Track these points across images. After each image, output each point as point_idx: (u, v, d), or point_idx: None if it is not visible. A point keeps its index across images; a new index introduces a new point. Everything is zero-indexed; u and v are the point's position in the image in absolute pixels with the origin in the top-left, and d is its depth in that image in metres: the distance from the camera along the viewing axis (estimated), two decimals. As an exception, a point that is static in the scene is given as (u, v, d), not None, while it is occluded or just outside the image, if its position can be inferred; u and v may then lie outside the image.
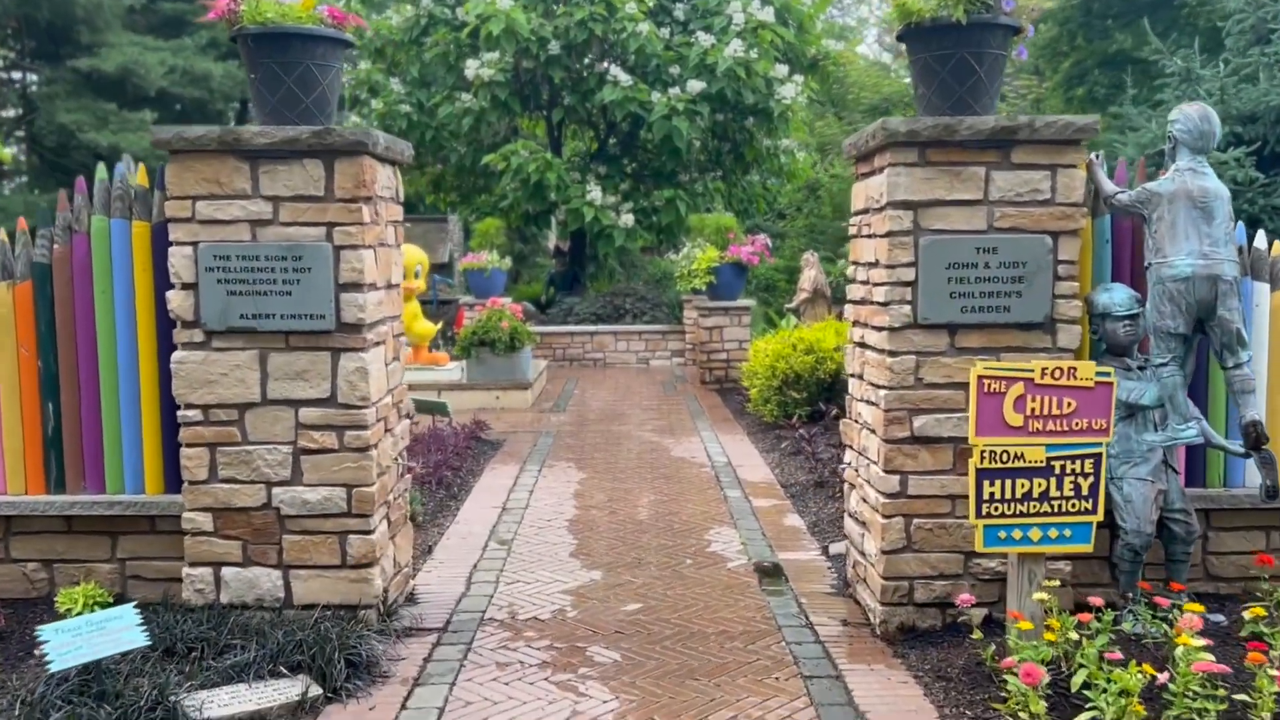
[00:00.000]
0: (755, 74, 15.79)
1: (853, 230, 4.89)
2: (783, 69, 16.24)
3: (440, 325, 12.58)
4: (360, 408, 4.18)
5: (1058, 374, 3.77)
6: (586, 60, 16.64)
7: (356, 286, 4.14)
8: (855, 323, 4.83)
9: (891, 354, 4.24)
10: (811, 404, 8.99)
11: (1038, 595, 3.75)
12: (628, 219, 15.96)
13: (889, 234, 4.22)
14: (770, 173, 19.07)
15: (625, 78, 15.50)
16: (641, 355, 15.44)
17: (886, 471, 4.27)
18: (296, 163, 4.11)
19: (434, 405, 8.65)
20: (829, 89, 21.28)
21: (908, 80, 26.02)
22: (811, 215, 26.32)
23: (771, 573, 5.20)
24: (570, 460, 8.06)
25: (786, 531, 5.93)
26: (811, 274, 13.64)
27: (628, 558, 5.45)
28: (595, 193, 15.96)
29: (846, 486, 4.98)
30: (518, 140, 16.48)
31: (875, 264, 4.43)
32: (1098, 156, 4.46)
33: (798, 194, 24.47)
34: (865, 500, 4.57)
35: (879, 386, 4.35)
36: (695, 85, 15.37)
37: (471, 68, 16.21)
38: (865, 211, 4.64)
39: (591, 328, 15.47)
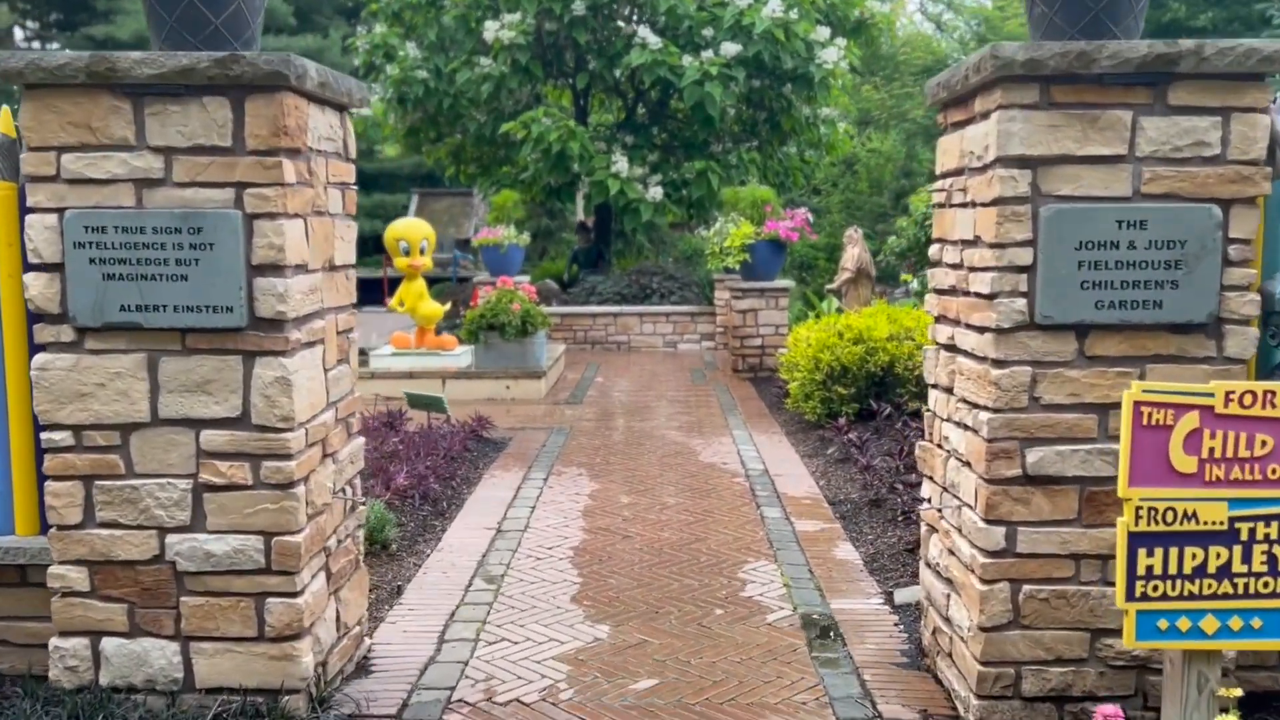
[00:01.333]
0: (795, 36, 14.59)
1: (938, 197, 3.77)
2: (824, 31, 15.03)
3: (449, 306, 11.55)
4: (281, 430, 3.13)
5: (1249, 400, 2.66)
6: (614, 22, 15.49)
7: (276, 269, 3.09)
8: (940, 318, 3.72)
9: (998, 363, 3.14)
10: (859, 401, 7.88)
11: None
12: (656, 192, 14.86)
13: (997, 201, 3.11)
14: (808, 144, 17.90)
15: (655, 40, 14.35)
16: (669, 339, 14.35)
17: (988, 521, 3.17)
18: (194, 102, 3.05)
19: (429, 400, 7.61)
20: (873, 53, 20.03)
21: (959, 46, 24.66)
22: (848, 191, 25.16)
23: (823, 630, 4.12)
24: (583, 465, 7.00)
25: (838, 568, 4.84)
26: (855, 252, 12.51)
27: (643, 604, 4.38)
28: (621, 164, 14.86)
29: (924, 528, 3.88)
30: (540, 108, 15.37)
31: (974, 242, 3.32)
32: (1276, 101, 3.32)
33: (834, 169, 23.27)
34: (954, 552, 3.47)
35: (978, 406, 3.25)
36: (730, 48, 14.20)
37: (490, 29, 15.11)
38: (959, 173, 3.52)
39: (615, 308, 14.39)
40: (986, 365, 3.19)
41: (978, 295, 3.27)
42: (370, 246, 26.69)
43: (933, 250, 3.82)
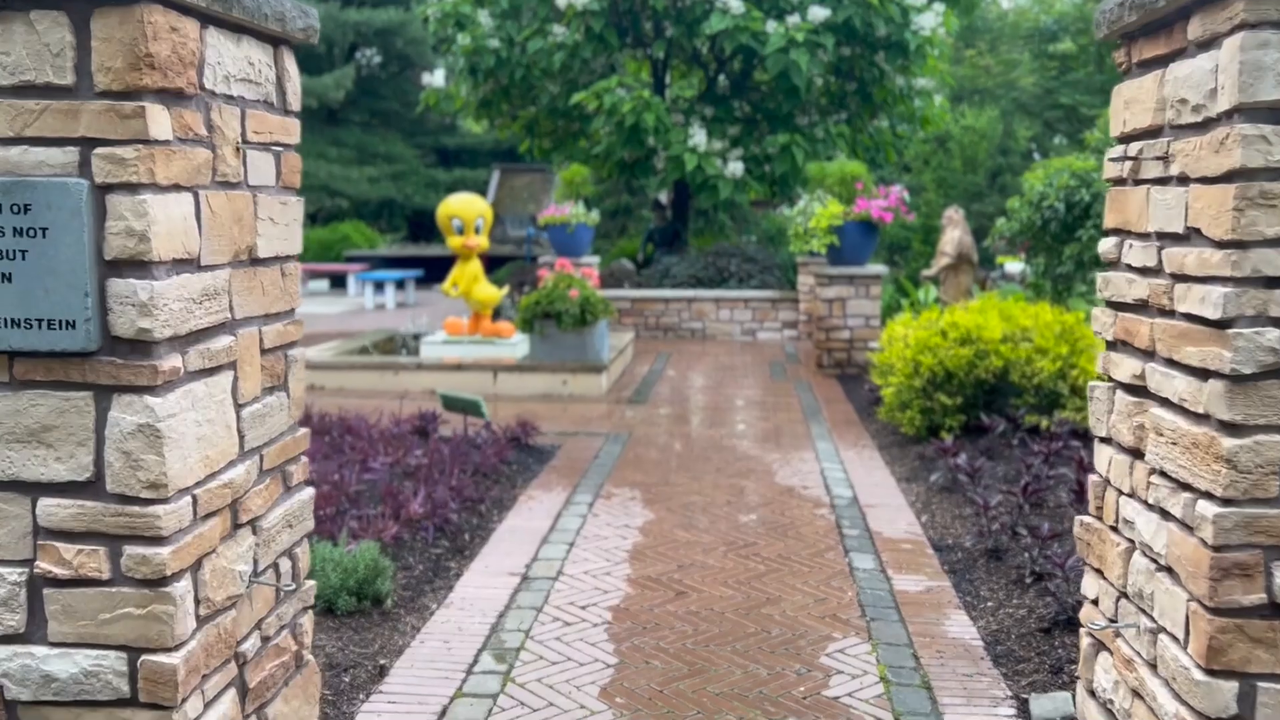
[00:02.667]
0: (888, 0, 13.29)
1: (1115, 170, 2.62)
2: (921, -5, 13.72)
3: (507, 289, 10.61)
4: (149, 502, 2.15)
5: None
6: (693, -17, 14.34)
7: (138, 266, 2.10)
8: (1118, 344, 2.58)
9: (1231, 428, 2.01)
10: (966, 413, 6.70)
11: None
12: (736, 168, 13.71)
13: (1236, 175, 1.97)
14: (901, 117, 16.57)
15: (737, 4, 13.17)
16: (747, 326, 13.22)
17: (1210, 672, 2.05)
18: (18, 19, 2.07)
19: (465, 403, 6.65)
20: (970, 24, 18.55)
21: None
22: (940, 168, 23.66)
23: (933, 760, 3.02)
24: (637, 485, 5.97)
25: (952, 653, 3.72)
26: (955, 235, 11.23)
27: (693, 707, 3.34)
28: (699, 137, 13.74)
29: (1086, 640, 2.76)
30: (614, 78, 14.31)
31: (1186, 237, 2.19)
32: None
33: (924, 145, 21.88)
34: (1140, 695, 2.35)
35: (1194, 490, 2.12)
36: (818, 13, 12.94)
37: (563, -6, 14.11)
38: (1154, 133, 2.38)
39: (690, 292, 13.30)
40: (1210, 429, 2.06)
41: (1194, 319, 2.13)
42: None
43: (1105, 246, 2.68)
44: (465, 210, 9.58)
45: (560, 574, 4.51)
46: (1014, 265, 16.47)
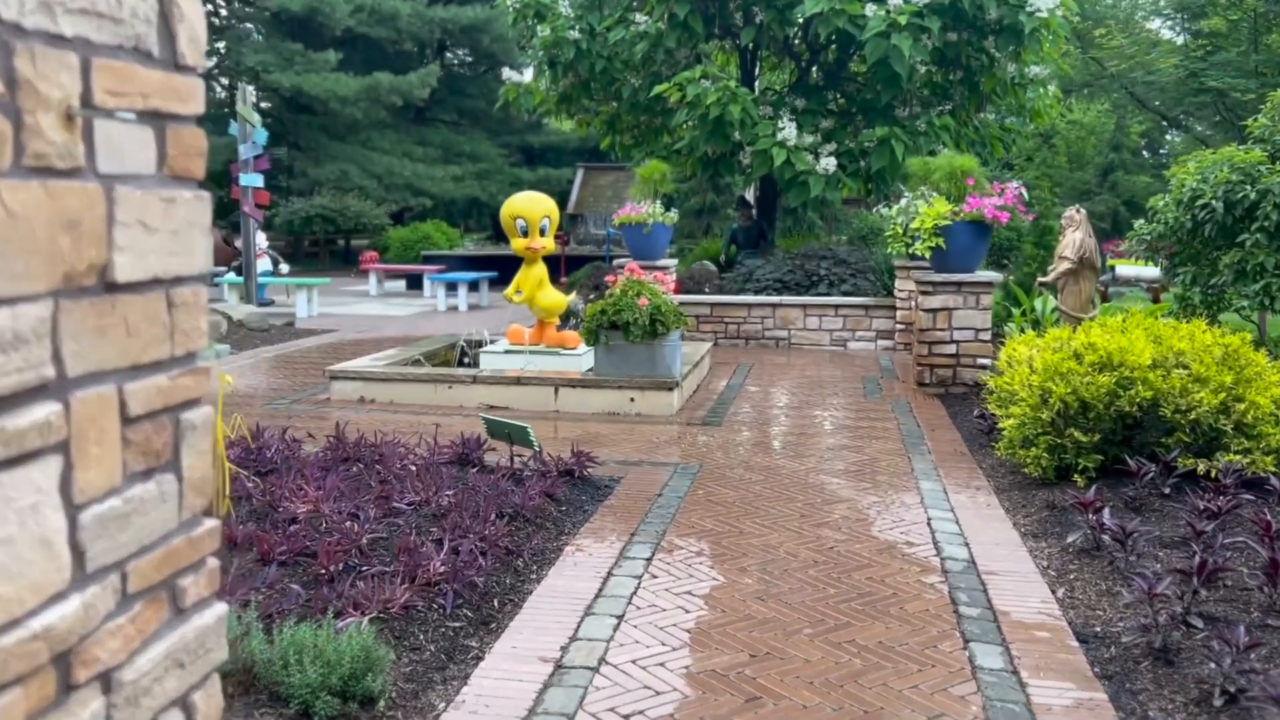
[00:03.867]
0: (1001, -21, 12.18)
1: None
2: (1037, -26, 12.52)
3: (574, 296, 9.78)
4: None
5: None
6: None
7: None
8: None
9: None
10: (1103, 452, 5.63)
11: None
12: (828, 163, 12.70)
13: None
14: (1010, 110, 15.35)
15: (834, -14, 12.16)
16: (837, 336, 12.19)
17: None
18: None
19: (510, 430, 5.81)
20: (1095, 3, 17.15)
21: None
22: (1044, 165, 22.29)
23: None
24: (705, 534, 5.06)
25: (1116, 811, 2.74)
26: (1077, 237, 10.02)
27: None
28: (789, 130, 12.76)
29: None
30: (698, 67, 13.39)
31: None
32: None
33: (1028, 142, 20.58)
34: None
35: None
36: (923, -6, 11.89)
37: (645, -20, 13.27)
38: None
39: (774, 298, 12.31)
40: None
41: None
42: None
43: None
44: (530, 209, 8.77)
45: (603, 662, 3.63)
46: (1127, 268, 15.09)
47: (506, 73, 16.50)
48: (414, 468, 5.62)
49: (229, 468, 5.03)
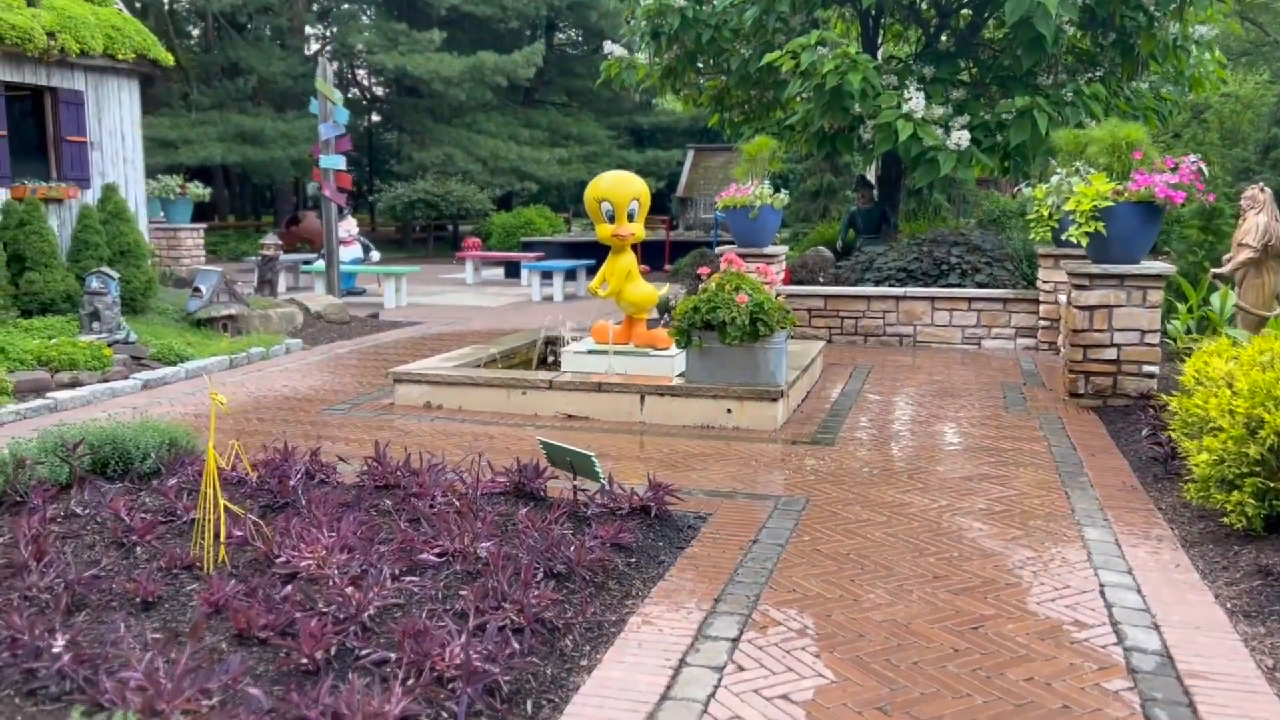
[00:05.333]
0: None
1: None
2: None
3: (668, 289, 8.72)
4: None
5: None
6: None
7: None
8: None
9: None
10: (1335, 501, 4.31)
11: None
12: (960, 137, 11.30)
13: None
14: (1167, 77, 13.62)
15: (969, -64, 10.80)
16: (970, 333, 10.83)
17: None
18: None
19: (573, 458, 4.79)
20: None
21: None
22: (1192, 141, 20.31)
23: None
24: (810, 604, 3.95)
25: None
26: (1261, 221, 8.56)
27: None
28: (915, 102, 11.40)
29: None
30: (814, 33, 12.12)
31: None
32: None
33: (1177, 117, 18.64)
34: None
35: None
36: (1072, -57, 10.43)
37: (755, -61, 12.09)
38: None
39: (898, 290, 11.01)
40: None
41: None
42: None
43: None
44: (616, 192, 7.74)
45: (657, 823, 2.57)
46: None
47: (609, 46, 15.48)
48: (457, 501, 4.65)
49: (227, 507, 4.14)
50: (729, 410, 6.85)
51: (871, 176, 15.66)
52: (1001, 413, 7.49)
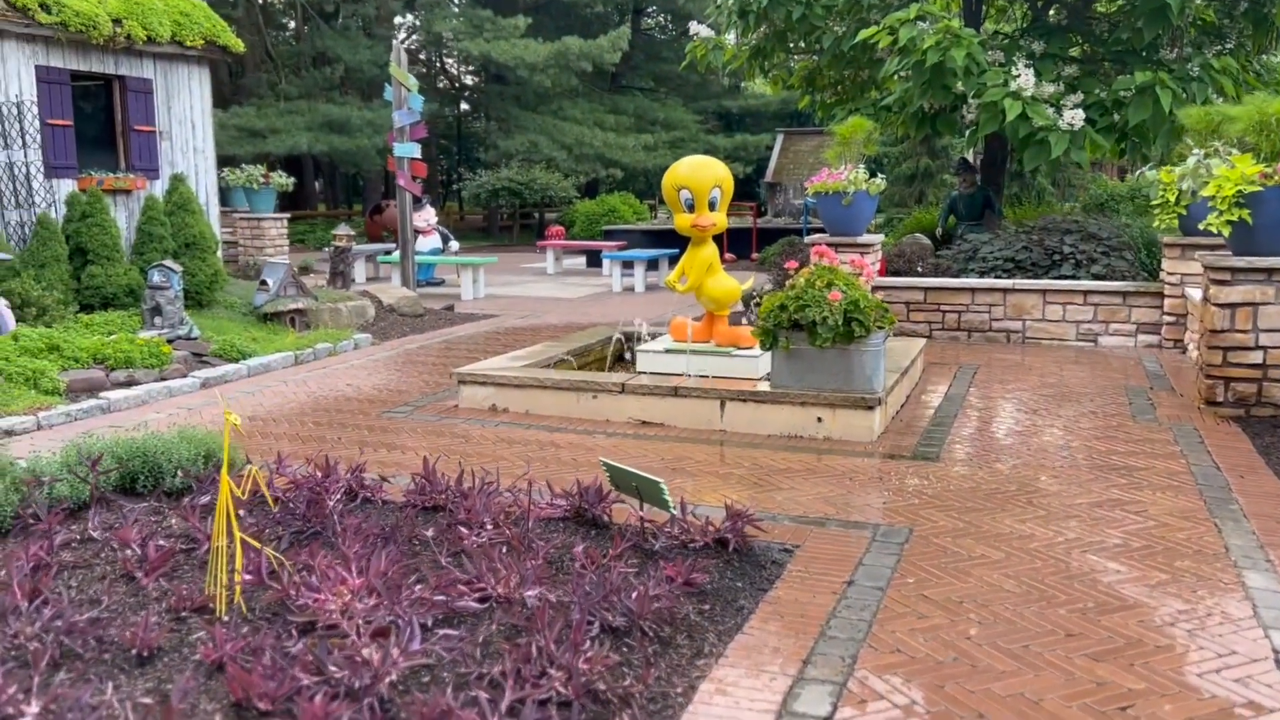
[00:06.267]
0: None
1: None
2: None
3: (751, 284, 8.07)
4: None
5: None
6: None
7: None
8: None
9: None
10: None
11: None
12: (1074, 117, 10.40)
13: None
14: (1301, 45, 12.46)
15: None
16: (1085, 329, 9.94)
17: None
18: None
19: (638, 483, 4.20)
20: None
21: None
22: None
23: None
24: (918, 669, 3.29)
25: None
26: None
27: None
28: (1024, 78, 10.53)
29: None
30: (913, 6, 11.29)
31: None
32: None
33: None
34: None
35: None
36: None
37: (849, -97, 11.31)
38: None
39: (1005, 282, 10.16)
40: None
41: None
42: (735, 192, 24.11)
43: None
44: (696, 178, 7.12)
45: None
46: None
47: (694, 27, 14.79)
48: (508, 531, 4.10)
49: (245, 540, 3.65)
50: (819, 419, 6.19)
51: (974, 159, 14.73)
52: (1128, 422, 6.68)
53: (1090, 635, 3.54)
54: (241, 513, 4.35)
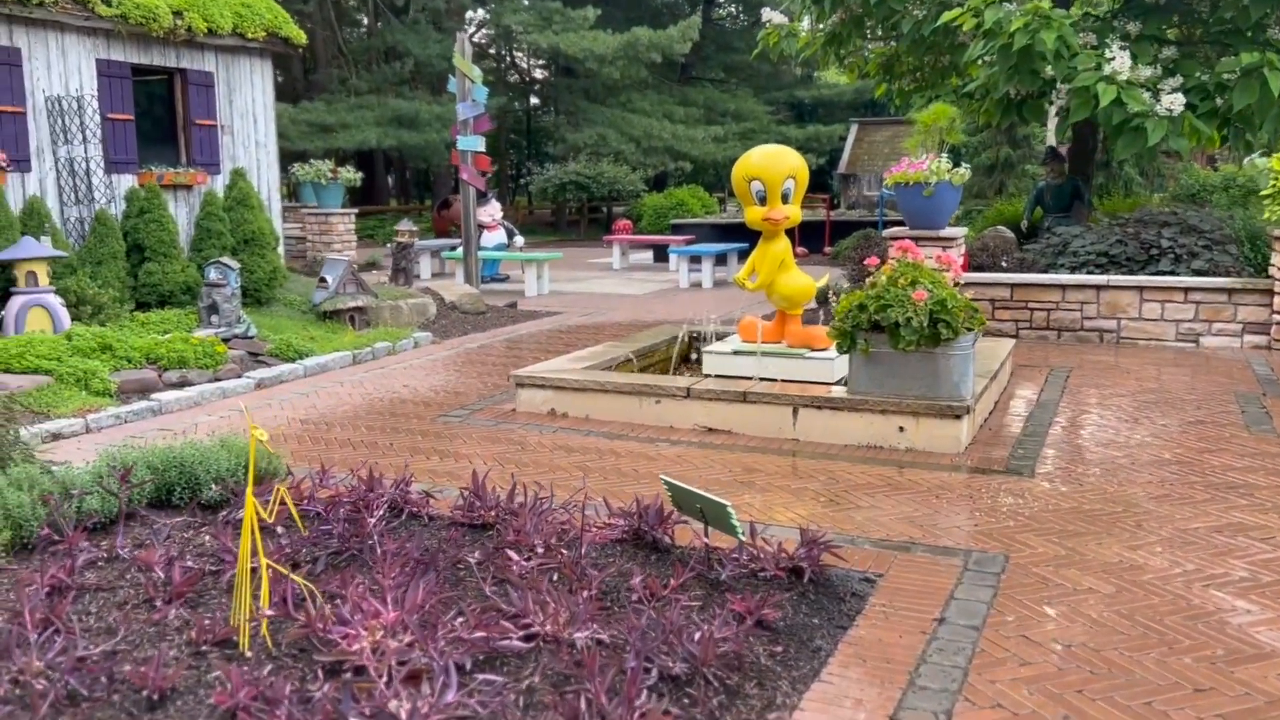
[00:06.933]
0: None
1: None
2: None
3: (826, 280, 7.61)
4: None
5: None
6: None
7: None
8: None
9: None
10: None
11: None
12: (1173, 102, 9.71)
13: None
14: None
15: None
16: (1186, 329, 9.28)
17: None
18: None
19: (706, 506, 3.80)
20: None
21: None
22: None
23: None
24: (1025, 731, 2.87)
25: None
26: None
27: None
28: (1119, 61, 9.87)
29: None
30: (997, -12, 10.68)
31: None
32: None
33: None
34: None
35: None
36: None
37: (929, -122, 10.75)
38: None
39: (1099, 278, 9.54)
40: None
41: None
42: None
43: None
44: (769, 169, 6.69)
45: None
46: None
47: (767, 14, 14.30)
48: (562, 552, 3.74)
49: (271, 567, 3.34)
50: (901, 428, 5.73)
51: (1061, 146, 14.02)
52: (1241, 433, 6.10)
53: (1223, 691, 3.06)
54: (279, 529, 4.06)
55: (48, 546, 3.95)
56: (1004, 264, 10.37)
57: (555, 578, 3.59)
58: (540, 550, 3.81)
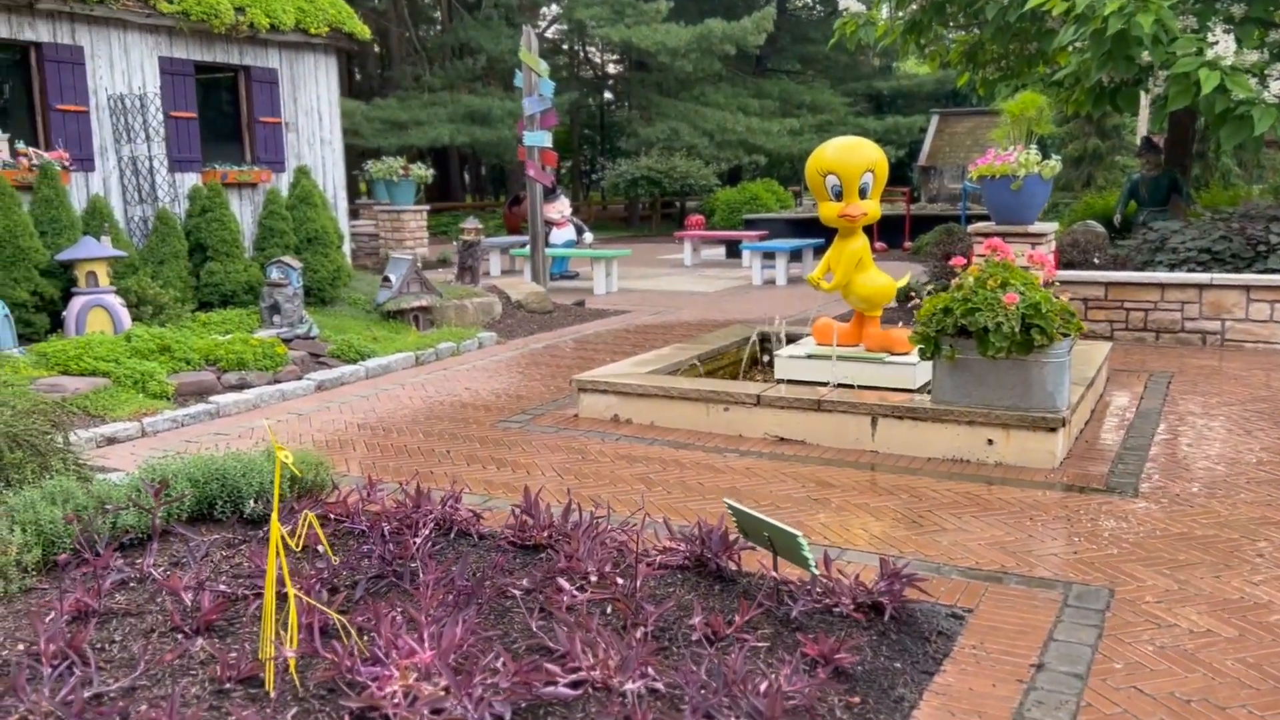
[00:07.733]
0: None
1: None
2: None
3: (907, 280, 7.18)
4: None
5: None
6: None
7: None
8: None
9: None
10: None
11: None
12: (1282, 86, 9.07)
13: None
14: None
15: None
16: (1297, 330, 8.65)
17: None
18: None
19: (775, 535, 3.46)
20: None
21: None
22: None
23: None
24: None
25: None
26: None
27: None
28: (1223, 45, 9.24)
29: None
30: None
31: None
32: None
33: None
34: None
35: None
36: None
37: None
38: None
39: (1200, 276, 8.94)
40: None
41: None
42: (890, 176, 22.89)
43: None
44: (845, 162, 6.30)
45: None
46: None
47: (844, 2, 13.82)
48: (615, 585, 3.44)
49: (299, 598, 3.09)
50: (990, 441, 5.31)
51: (1157, 137, 13.31)
52: (1369, 449, 5.56)
53: (1377, 764, 2.64)
54: (320, 548, 3.83)
55: (79, 564, 3.76)
56: (1095, 260, 9.80)
57: (609, 609, 3.29)
58: (594, 578, 3.51)
